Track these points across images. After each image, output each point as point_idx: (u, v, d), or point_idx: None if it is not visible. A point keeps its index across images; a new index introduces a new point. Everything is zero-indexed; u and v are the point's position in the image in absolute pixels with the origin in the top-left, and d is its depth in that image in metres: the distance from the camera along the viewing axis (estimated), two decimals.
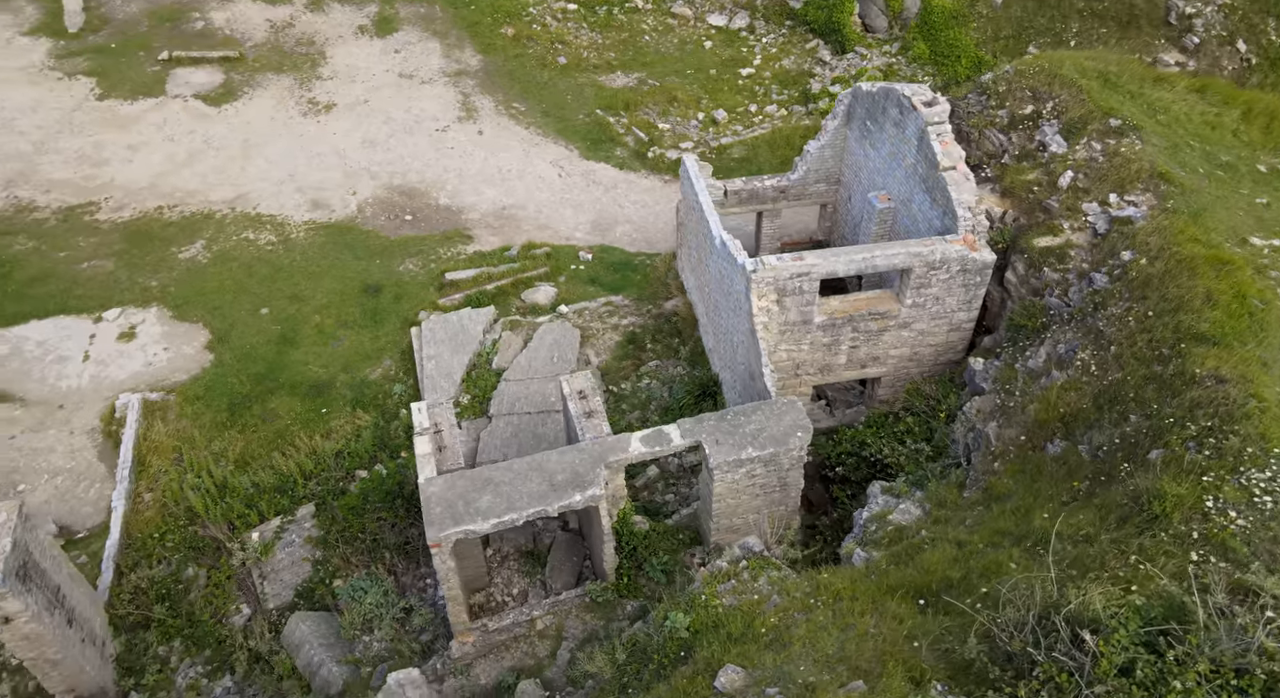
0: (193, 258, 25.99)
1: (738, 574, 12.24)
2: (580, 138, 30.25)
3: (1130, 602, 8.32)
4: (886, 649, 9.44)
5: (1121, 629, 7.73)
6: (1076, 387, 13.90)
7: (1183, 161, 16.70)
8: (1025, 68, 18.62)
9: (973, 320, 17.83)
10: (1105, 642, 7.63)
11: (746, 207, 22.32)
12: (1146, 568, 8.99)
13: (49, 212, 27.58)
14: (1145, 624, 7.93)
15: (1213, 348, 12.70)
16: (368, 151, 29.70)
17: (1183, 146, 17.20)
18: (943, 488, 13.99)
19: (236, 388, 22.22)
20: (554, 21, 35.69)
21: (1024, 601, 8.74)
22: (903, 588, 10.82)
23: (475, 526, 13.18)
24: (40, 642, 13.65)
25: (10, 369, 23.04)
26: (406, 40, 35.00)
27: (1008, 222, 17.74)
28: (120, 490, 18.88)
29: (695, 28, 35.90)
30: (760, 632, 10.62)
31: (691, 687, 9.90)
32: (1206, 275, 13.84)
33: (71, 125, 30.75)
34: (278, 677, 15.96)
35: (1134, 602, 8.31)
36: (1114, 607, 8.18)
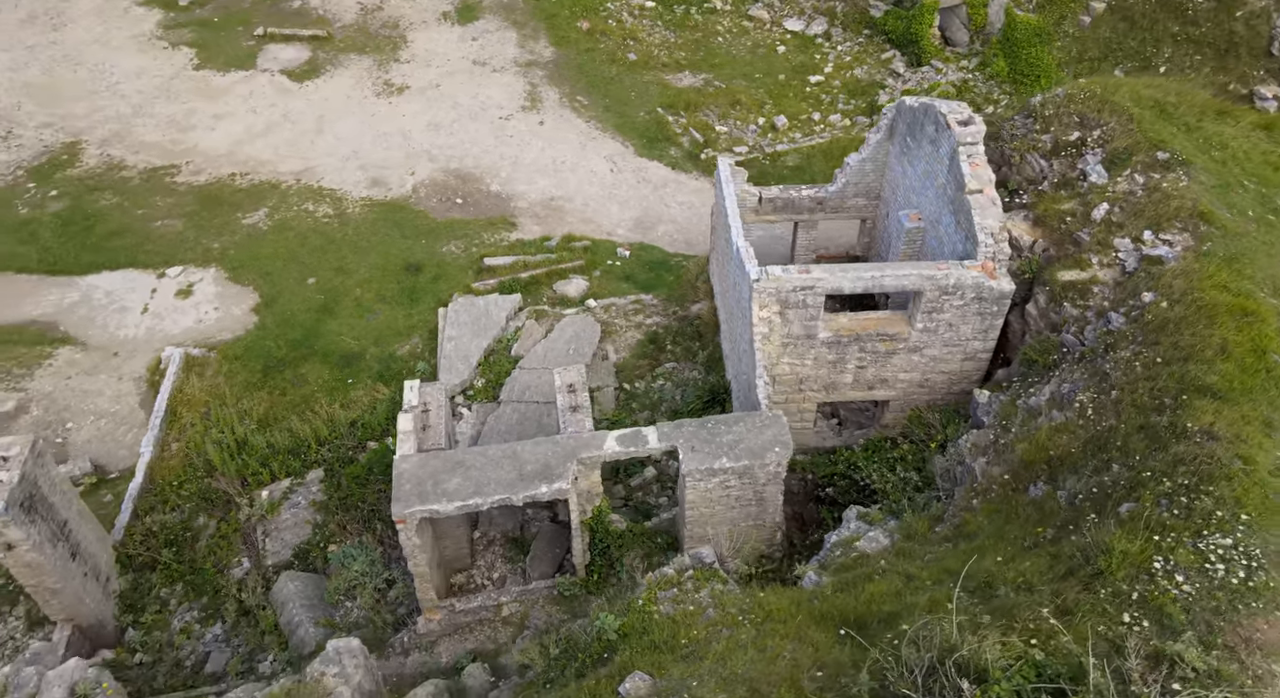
0: (254, 224, 27.27)
1: (681, 583, 12.16)
2: (638, 135, 30.36)
3: (1030, 656, 7.93)
4: (787, 675, 9.26)
5: (1004, 682, 7.39)
6: (1069, 430, 13.24)
7: (1231, 203, 15.64)
8: (1076, 92, 17.76)
9: (989, 351, 17.16)
10: (983, 693, 7.30)
11: (781, 215, 22.01)
12: (1053, 624, 8.53)
13: (135, 171, 29.37)
14: (1037, 680, 7.56)
15: (1215, 402, 11.89)
16: (431, 135, 30.53)
17: (1235, 186, 16.10)
18: (916, 520, 13.54)
19: (273, 351, 23.26)
20: (630, 18, 35.89)
21: (926, 643, 8.44)
22: (834, 616, 10.57)
23: (440, 506, 13.49)
24: (40, 571, 14.67)
25: (78, 315, 24.70)
26: (485, 29, 35.79)
27: (1036, 251, 16.99)
28: (149, 438, 20.04)
29: (770, 32, 35.53)
30: (681, 643, 10.55)
31: (599, 689, 9.93)
32: (1226, 325, 12.96)
33: (168, 92, 32.65)
34: (260, 631, 16.69)
35: (1034, 656, 7.92)
36: (1009, 659, 7.81)
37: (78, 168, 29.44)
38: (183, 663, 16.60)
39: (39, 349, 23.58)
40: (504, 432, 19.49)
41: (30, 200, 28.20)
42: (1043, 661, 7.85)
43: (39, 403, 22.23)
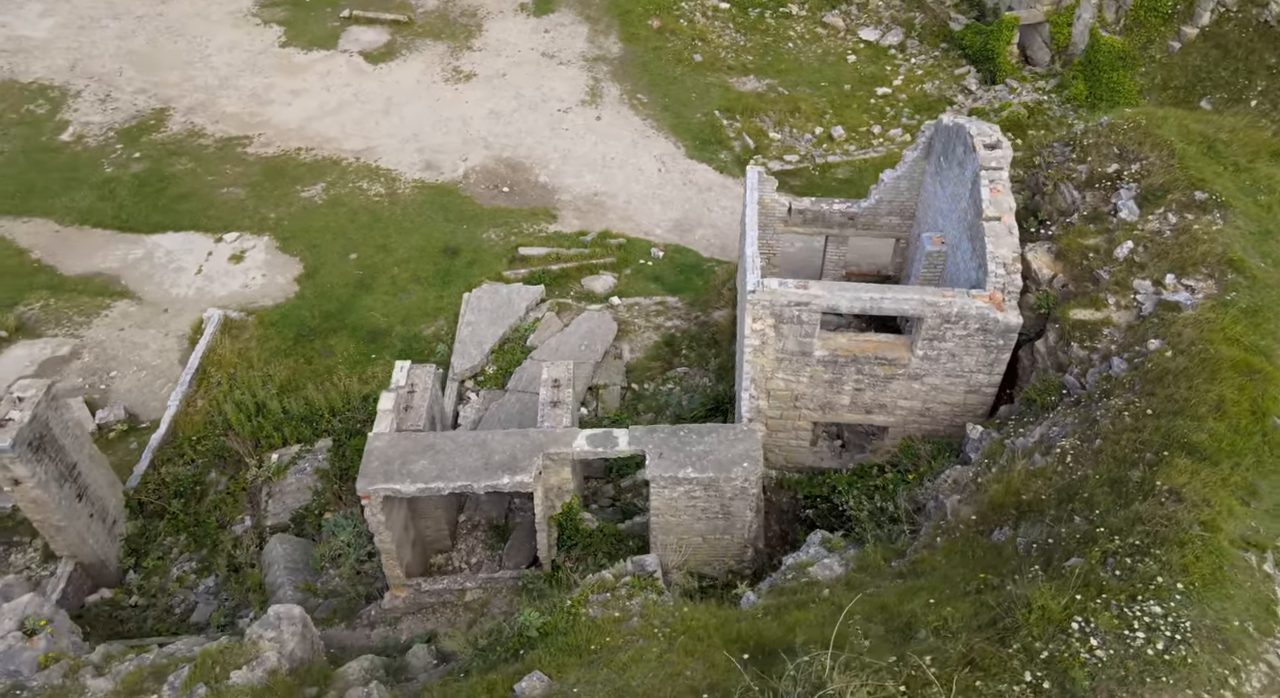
0: (311, 198, 28.34)
1: (616, 589, 12.13)
2: (691, 136, 30.24)
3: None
4: (676, 693, 9.15)
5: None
6: (1045, 475, 12.61)
7: (1268, 252, 14.56)
8: (1120, 122, 16.83)
9: (994, 386, 16.47)
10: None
11: (810, 228, 21.60)
12: (931, 674, 8.16)
13: (211, 140, 30.88)
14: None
15: (1195, 462, 11.13)
16: (489, 123, 31.10)
17: (1277, 234, 14.98)
18: (873, 551, 13.15)
19: (307, 321, 24.17)
20: (702, 18, 35.72)
21: (803, 679, 8.22)
22: (749, 640, 10.37)
23: (402, 486, 13.81)
24: (45, 508, 15.69)
25: (139, 271, 26.19)
26: (559, 22, 36.19)
27: (1055, 286, 16.20)
28: (177, 393, 21.13)
29: (844, 40, 34.82)
30: (592, 649, 10.54)
31: (498, 685, 10.01)
32: (1228, 381, 12.10)
33: (253, 67, 34.18)
34: (246, 588, 17.42)
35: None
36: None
37: (162, 133, 31.13)
38: (173, 610, 17.49)
39: (100, 300, 25.11)
40: (504, 420, 19.77)
41: (116, 160, 29.99)
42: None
43: (91, 350, 23.71)
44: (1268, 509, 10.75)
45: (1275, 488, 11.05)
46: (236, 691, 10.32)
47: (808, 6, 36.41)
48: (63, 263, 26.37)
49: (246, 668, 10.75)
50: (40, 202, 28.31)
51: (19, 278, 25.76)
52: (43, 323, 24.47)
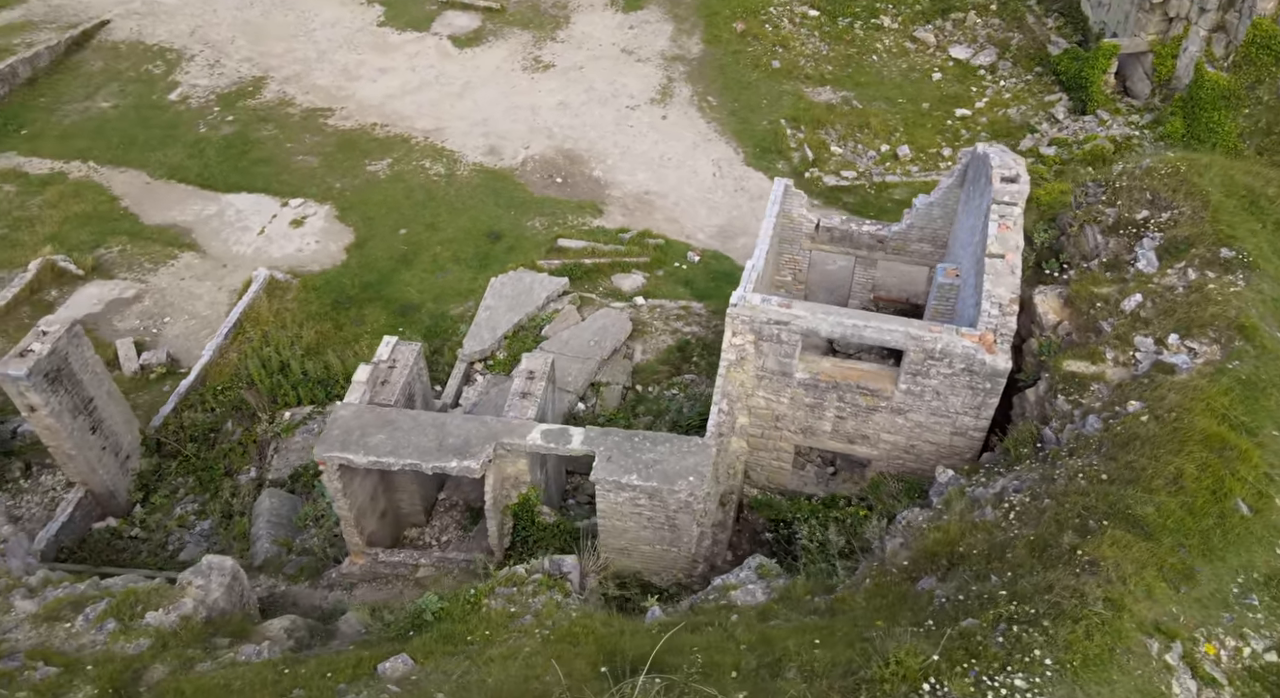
0: (375, 172, 29.49)
1: (524, 584, 12.22)
2: (753, 143, 29.87)
3: None
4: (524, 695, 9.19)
5: None
6: (986, 529, 11.95)
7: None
8: (1158, 166, 15.67)
9: (981, 430, 15.68)
10: None
11: (837, 247, 21.02)
12: None
13: (298, 109, 32.53)
14: None
15: (1132, 536, 10.34)
16: (557, 113, 31.56)
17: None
18: (798, 583, 12.77)
19: (347, 289, 25.22)
20: (789, 25, 35.16)
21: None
22: (620, 654, 10.28)
23: (355, 457, 14.30)
24: (57, 436, 17.02)
25: (209, 227, 27.90)
26: (645, 19, 36.34)
27: (1058, 333, 15.27)
28: (212, 344, 22.45)
29: (932, 57, 33.61)
30: (468, 640, 10.69)
31: (367, 661, 10.26)
32: (1194, 456, 11.16)
33: (350, 43, 35.77)
34: (232, 535, 18.41)
35: None
36: None
37: (256, 100, 32.99)
38: (167, 546, 18.66)
39: (169, 250, 26.90)
40: (500, 405, 20.09)
41: (210, 122, 31.99)
42: None
43: (152, 295, 25.45)
44: (1199, 597, 9.90)
45: (1217, 576, 10.16)
46: (144, 630, 10.99)
47: (901, 20, 35.33)
48: (145, 212, 28.35)
49: (162, 610, 11.42)
50: (138, 154, 30.49)
51: (106, 223, 27.85)
52: (117, 266, 26.40)
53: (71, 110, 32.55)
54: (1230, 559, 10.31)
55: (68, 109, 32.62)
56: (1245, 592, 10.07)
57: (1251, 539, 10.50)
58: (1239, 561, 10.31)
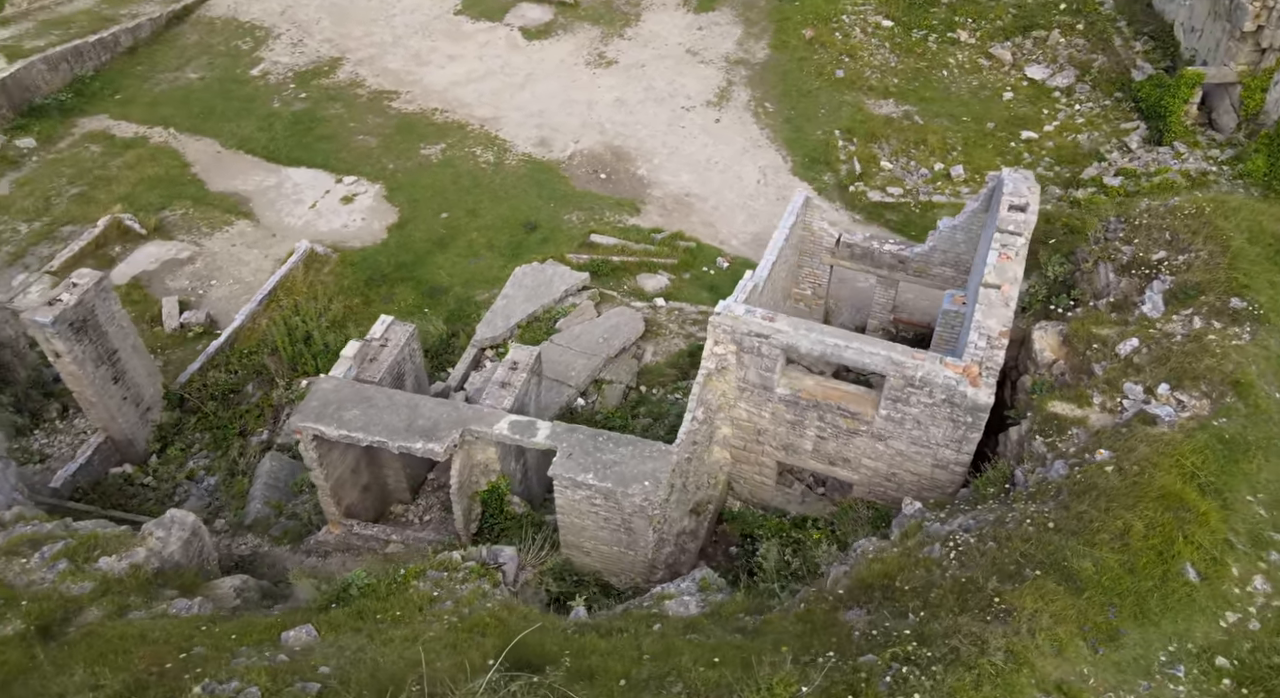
0: (428, 156, 30.26)
1: (455, 570, 12.40)
2: (802, 153, 29.39)
3: None
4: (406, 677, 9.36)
5: None
6: (925, 566, 11.53)
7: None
8: (1182, 207, 14.75)
9: (963, 465, 15.09)
10: None
11: (858, 264, 20.55)
12: None
13: (366, 91, 33.63)
14: None
15: (1061, 589, 9.83)
16: (612, 110, 31.72)
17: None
18: (736, 601, 12.59)
19: (382, 267, 25.98)
20: (860, 34, 34.40)
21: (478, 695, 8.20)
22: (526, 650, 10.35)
23: (328, 429, 14.78)
24: (79, 382, 18.13)
25: (266, 198, 29.15)
26: (715, 20, 36.15)
27: (1053, 372, 14.56)
28: (246, 309, 23.48)
29: (1006, 75, 32.37)
30: (378, 618, 10.93)
31: (274, 628, 10.58)
32: (1147, 512, 10.51)
33: (425, 30, 36.75)
34: (231, 494, 19.26)
35: None
36: None
37: (329, 79, 34.25)
38: (173, 496, 19.66)
39: (227, 217, 28.22)
40: None
41: (284, 98, 33.38)
42: None
43: (204, 258, 26.77)
44: (1118, 661, 9.34)
45: (1145, 642, 9.56)
46: (92, 574, 11.64)
47: (979, 35, 34.14)
48: (212, 179, 29.80)
49: (115, 557, 12.06)
50: (215, 124, 32.05)
51: (174, 186, 29.40)
52: (177, 228, 27.86)
53: (163, 79, 34.44)
54: (1165, 626, 9.68)
55: (159, 78, 34.53)
56: (1173, 662, 9.44)
57: (1194, 608, 9.82)
58: (1174, 628, 9.67)
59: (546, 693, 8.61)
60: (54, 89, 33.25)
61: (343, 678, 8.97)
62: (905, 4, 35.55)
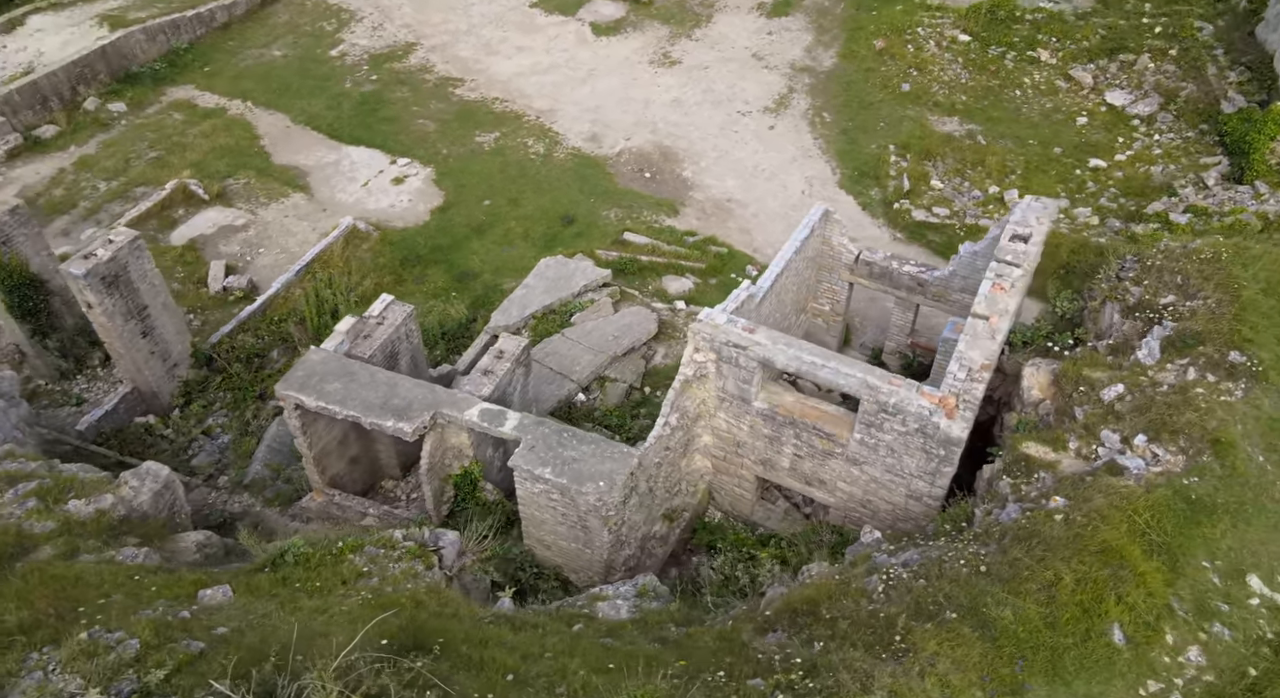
0: (481, 144, 30.84)
1: (393, 547, 12.63)
2: (852, 166, 28.73)
3: None
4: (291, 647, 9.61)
5: None
6: (854, 596, 11.16)
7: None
8: (1200, 250, 13.83)
9: (937, 499, 14.53)
10: None
11: (876, 284, 20.00)
12: None
13: (433, 77, 34.50)
14: None
15: (977, 636, 9.35)
16: (667, 110, 31.67)
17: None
18: (665, 610, 12.47)
19: (419, 248, 26.63)
20: (934, 47, 33.38)
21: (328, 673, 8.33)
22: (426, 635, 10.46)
23: (307, 399, 15.27)
24: (109, 334, 19.22)
25: (323, 173, 30.23)
26: (787, 26, 35.68)
27: (1039, 412, 13.86)
28: (282, 279, 24.44)
29: (1084, 99, 30.90)
30: (296, 587, 11.23)
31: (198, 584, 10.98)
32: (1080, 566, 9.94)
33: (499, 20, 37.46)
34: (239, 453, 20.09)
35: None
36: None
37: (400, 64, 35.28)
38: (188, 449, 20.64)
39: (284, 189, 29.40)
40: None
41: (357, 79, 34.55)
42: None
43: (256, 227, 27.98)
44: None
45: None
46: (57, 514, 12.35)
47: (1061, 56, 32.68)
48: (277, 153, 31.08)
49: (84, 501, 12.77)
50: (288, 101, 33.41)
51: (242, 157, 30.79)
52: (238, 196, 29.17)
53: (249, 55, 36.10)
54: (1076, 687, 9.12)
55: (246, 53, 36.20)
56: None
57: (1113, 672, 9.23)
58: (1086, 690, 9.11)
59: (417, 677, 8.70)
60: (150, 59, 35.23)
61: (234, 640, 9.28)
62: (986, 19, 34.34)
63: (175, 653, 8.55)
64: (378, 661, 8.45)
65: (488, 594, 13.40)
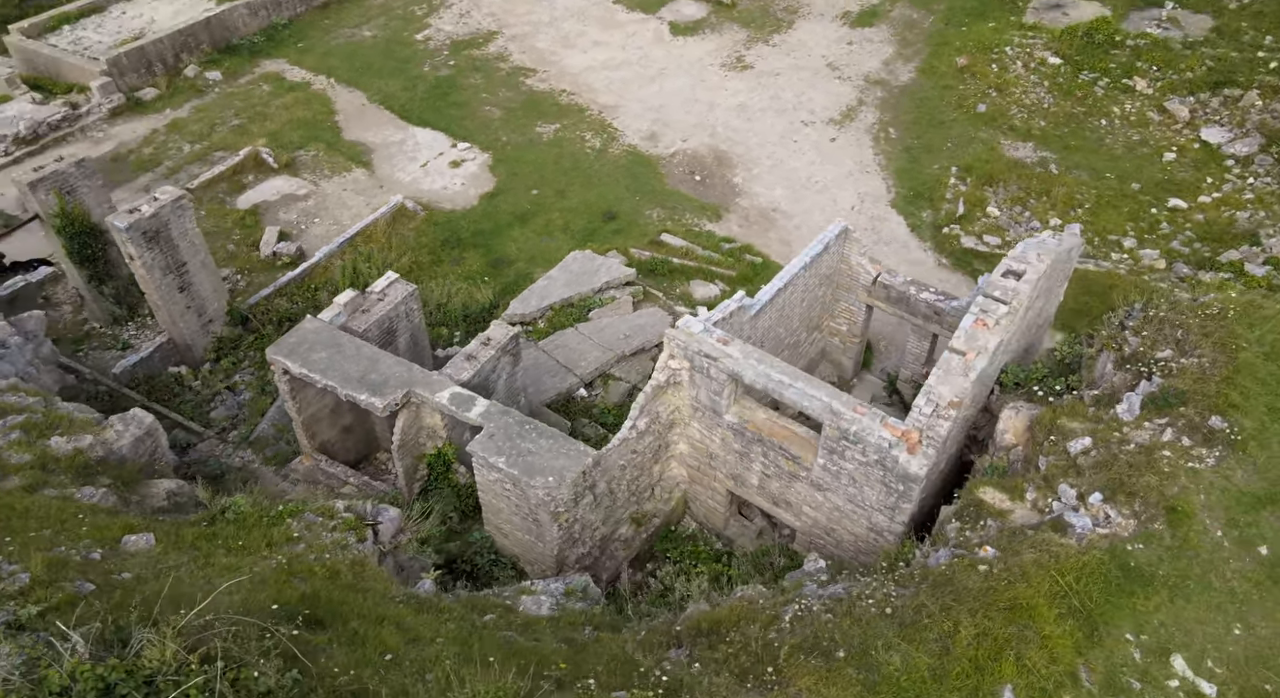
0: (540, 134, 31.24)
1: (330, 516, 12.95)
2: (909, 186, 27.77)
3: None
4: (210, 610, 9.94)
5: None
6: (762, 622, 10.82)
7: (1246, 525, 10.36)
8: (1209, 305, 12.76)
9: (896, 534, 13.92)
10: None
11: (892, 308, 19.32)
12: None
13: (508, 66, 35.14)
14: None
15: (858, 677, 8.94)
16: (730, 114, 31.34)
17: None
18: (586, 613, 12.39)
19: (461, 231, 27.20)
20: (1020, 68, 31.91)
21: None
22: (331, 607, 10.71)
23: (292, 365, 15.83)
24: (147, 285, 20.41)
25: (387, 151, 31.22)
26: (869, 37, 34.76)
27: (1010, 457, 13.10)
28: (325, 249, 25.39)
29: (1176, 134, 28.97)
30: (219, 544, 11.65)
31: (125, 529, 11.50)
32: (985, 621, 9.35)
33: (581, 15, 37.84)
34: (254, 411, 21.00)
35: None
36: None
37: (479, 51, 36.07)
38: (210, 402, 21.71)
39: (348, 164, 30.51)
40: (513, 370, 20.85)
41: (435, 63, 35.53)
42: None
43: (316, 197, 29.14)
44: None
45: None
46: (36, 448, 13.18)
47: (1160, 86, 30.70)
48: (348, 129, 32.28)
49: (65, 438, 13.61)
50: (368, 80, 34.64)
51: (315, 130, 32.11)
52: (305, 167, 30.45)
53: (341, 34, 37.60)
54: None
55: (338, 32, 37.72)
56: None
57: None
58: None
59: (277, 644, 8.90)
60: (250, 32, 37.12)
61: (128, 587, 9.71)
62: (1082, 42, 32.62)
63: (59, 591, 9.01)
64: (236, 624, 8.68)
65: (419, 574, 13.60)
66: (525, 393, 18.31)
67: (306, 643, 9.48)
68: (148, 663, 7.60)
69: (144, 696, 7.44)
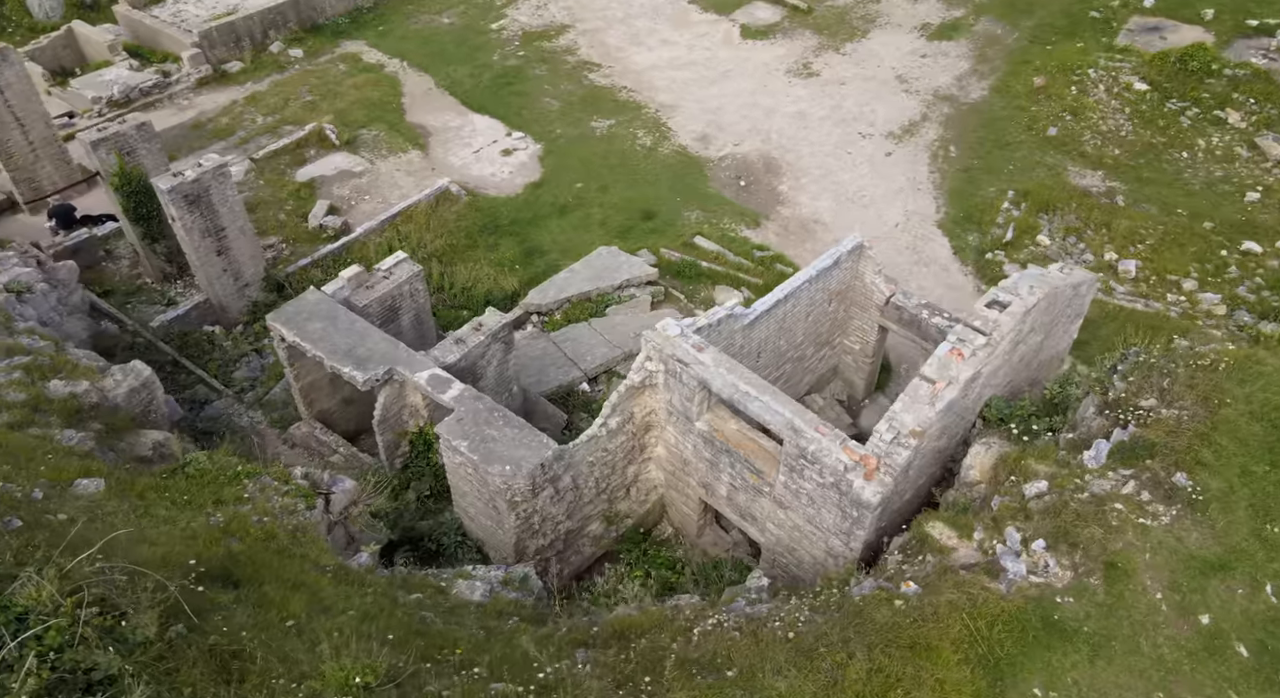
0: (594, 129, 31.38)
1: (285, 481, 13.29)
2: (960, 207, 26.76)
3: None
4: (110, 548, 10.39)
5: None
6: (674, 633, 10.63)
7: (1193, 590, 9.55)
8: (1204, 355, 11.82)
9: (850, 559, 13.41)
10: None
11: (902, 329, 18.66)
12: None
13: (574, 59, 35.41)
14: None
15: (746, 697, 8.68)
16: (787, 121, 30.82)
17: (1233, 569, 9.62)
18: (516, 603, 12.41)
19: (501, 218, 27.57)
20: (1101, 92, 30.36)
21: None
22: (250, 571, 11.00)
23: (287, 333, 16.35)
24: (187, 246, 21.42)
25: (444, 135, 31.86)
26: (945, 51, 33.67)
27: (972, 494, 12.46)
28: (366, 225, 26.14)
29: (1265, 172, 27.13)
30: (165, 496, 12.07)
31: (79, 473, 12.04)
32: (881, 657, 8.92)
33: (653, 12, 37.83)
34: (274, 374, 21.79)
35: None
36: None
37: (549, 43, 36.47)
38: (236, 362, 22.62)
39: (405, 145, 31.29)
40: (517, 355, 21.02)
41: (505, 53, 36.11)
42: None
43: (369, 175, 30.00)
44: None
45: None
46: (33, 389, 13.96)
47: (1253, 121, 28.73)
48: (412, 111, 33.13)
49: (63, 383, 14.39)
50: (439, 65, 35.46)
51: (380, 111, 33.01)
52: (364, 145, 31.39)
53: (421, 19, 38.61)
54: None
55: (419, 18, 38.73)
56: None
57: None
58: None
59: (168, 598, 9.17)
60: (336, 13, 38.50)
61: (55, 528, 10.19)
62: (1174, 68, 30.79)
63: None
64: (131, 573, 9.00)
65: (376, 547, 13.83)
66: (518, 381, 18.43)
67: (210, 601, 9.76)
68: (21, 601, 7.96)
69: (13, 632, 7.80)
